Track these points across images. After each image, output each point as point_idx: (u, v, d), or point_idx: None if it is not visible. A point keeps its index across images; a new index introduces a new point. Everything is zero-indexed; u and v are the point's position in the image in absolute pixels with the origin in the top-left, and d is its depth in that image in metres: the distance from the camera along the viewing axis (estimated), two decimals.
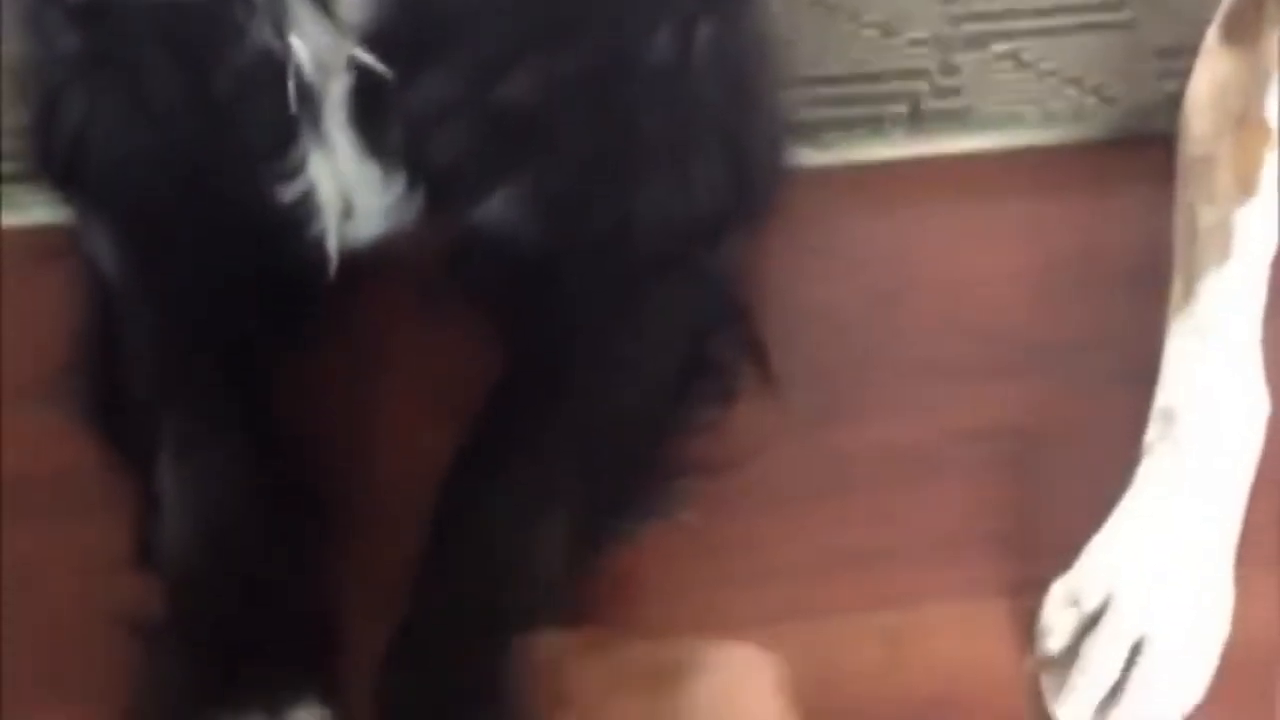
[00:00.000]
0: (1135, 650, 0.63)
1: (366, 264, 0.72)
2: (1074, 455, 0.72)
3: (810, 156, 0.82)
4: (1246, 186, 0.69)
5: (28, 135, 0.76)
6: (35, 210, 0.79)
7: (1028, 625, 0.67)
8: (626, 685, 0.52)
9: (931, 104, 0.84)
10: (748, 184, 0.77)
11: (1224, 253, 0.69)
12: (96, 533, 0.69)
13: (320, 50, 0.62)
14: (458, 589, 0.65)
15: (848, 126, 0.84)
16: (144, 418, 0.70)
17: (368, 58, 0.62)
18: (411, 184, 0.67)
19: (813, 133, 0.83)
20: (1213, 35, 0.75)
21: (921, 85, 0.85)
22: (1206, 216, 0.70)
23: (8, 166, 0.81)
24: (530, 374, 0.71)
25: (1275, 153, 0.69)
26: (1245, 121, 0.71)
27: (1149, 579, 0.63)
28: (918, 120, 0.84)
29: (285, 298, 0.73)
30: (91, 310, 0.75)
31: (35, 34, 0.73)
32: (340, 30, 0.61)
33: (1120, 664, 0.63)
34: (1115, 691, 0.63)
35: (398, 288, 0.76)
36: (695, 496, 0.71)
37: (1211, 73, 0.74)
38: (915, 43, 0.86)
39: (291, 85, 0.63)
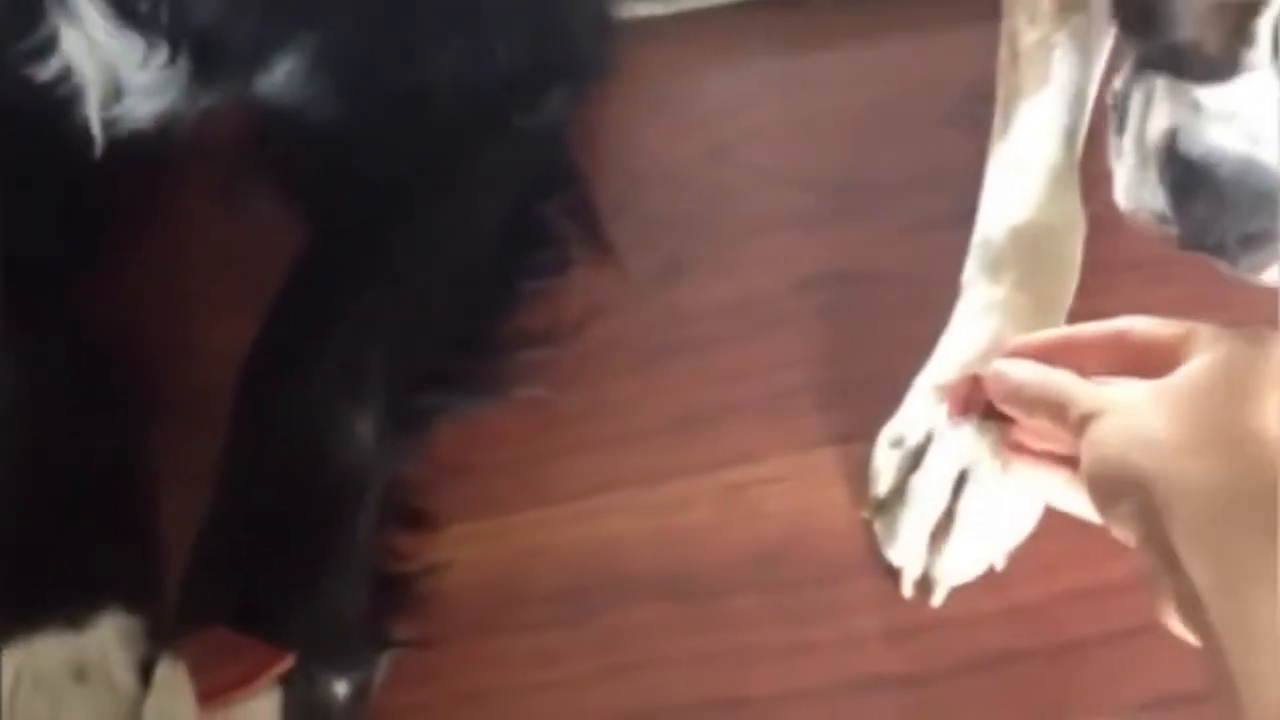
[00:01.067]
0: (960, 484, 0.62)
1: (154, 148, 0.68)
2: (906, 297, 0.70)
3: (636, 8, 0.79)
4: (1068, 4, 0.67)
5: None
6: None
7: (862, 471, 0.65)
8: None
9: None
10: (563, 39, 0.73)
11: (1042, 78, 0.67)
12: None
13: None
14: (263, 474, 0.62)
15: None
16: None
17: None
18: (175, 54, 0.62)
19: None
20: None
21: None
22: (1027, 38, 0.68)
23: None
24: (332, 253, 0.68)
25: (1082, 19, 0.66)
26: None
27: (950, 405, 0.62)
28: None
29: (63, 192, 0.68)
30: None
31: None
32: None
33: (944, 499, 0.62)
34: (943, 530, 0.62)
35: (196, 173, 0.72)
36: (535, 369, 0.69)
37: None
38: None
39: None
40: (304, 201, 0.71)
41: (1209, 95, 0.54)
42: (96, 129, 0.65)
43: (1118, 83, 0.61)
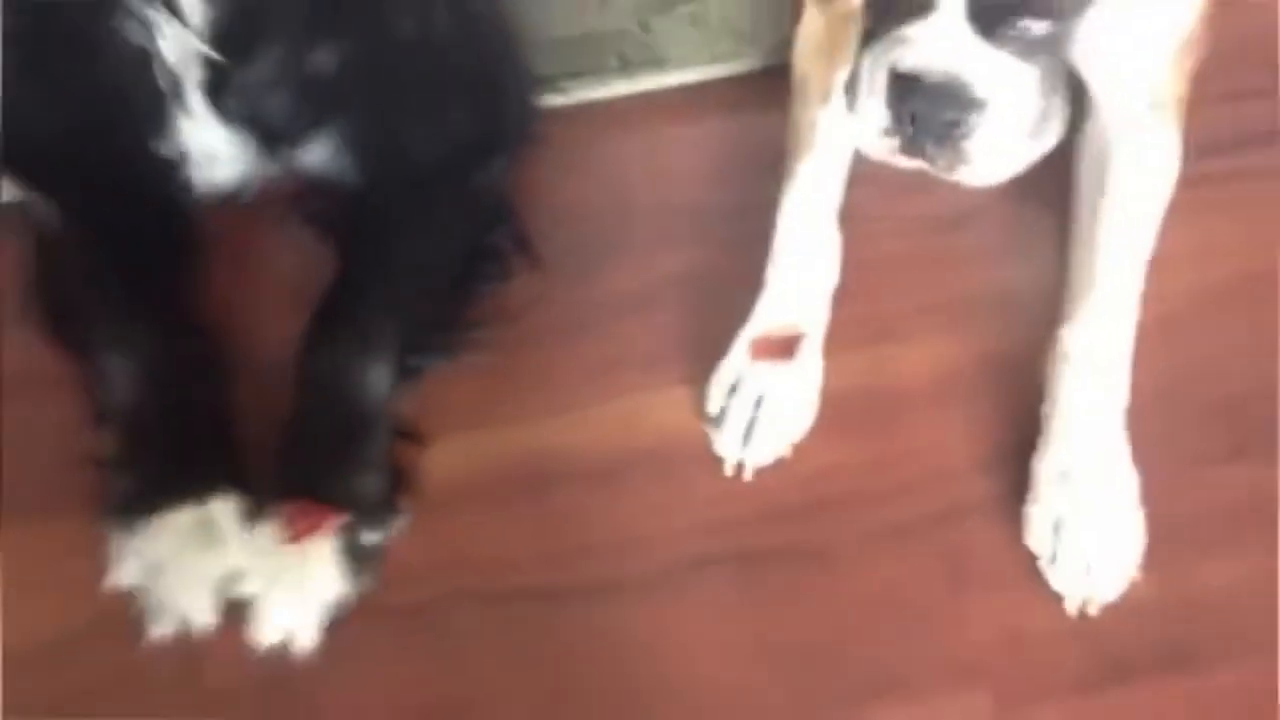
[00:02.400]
0: (759, 403, 0.98)
1: (233, 199, 1.03)
2: (738, 289, 1.05)
3: (554, 99, 1.15)
4: (825, 97, 1.02)
5: None
6: None
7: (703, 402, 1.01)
8: None
9: (636, 55, 1.17)
10: (501, 121, 1.09)
11: (810, 145, 1.03)
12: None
13: (177, 46, 0.93)
14: (309, 416, 0.97)
15: (577, 75, 1.16)
16: (85, 324, 1.01)
17: (210, 51, 0.93)
18: (252, 139, 0.98)
19: (553, 81, 1.15)
20: None
21: (628, 41, 1.17)
22: (802, 117, 1.04)
23: None
24: (354, 268, 1.03)
25: (842, 74, 1.01)
26: (828, 53, 1.04)
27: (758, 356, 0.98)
28: (626, 67, 1.16)
29: (173, 227, 1.04)
30: (38, 250, 1.05)
31: None
32: (190, 31, 0.92)
33: (750, 411, 0.98)
34: (750, 432, 0.98)
35: (263, 216, 1.07)
36: (487, 341, 1.04)
37: (811, 20, 1.06)
38: (621, 10, 1.18)
39: (159, 73, 0.94)
40: (333, 235, 1.06)
41: (912, 30, 0.83)
42: (197, 186, 1.01)
43: (846, 72, 0.91)
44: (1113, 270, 1.00)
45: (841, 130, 1.01)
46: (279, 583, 0.92)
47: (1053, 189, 1.05)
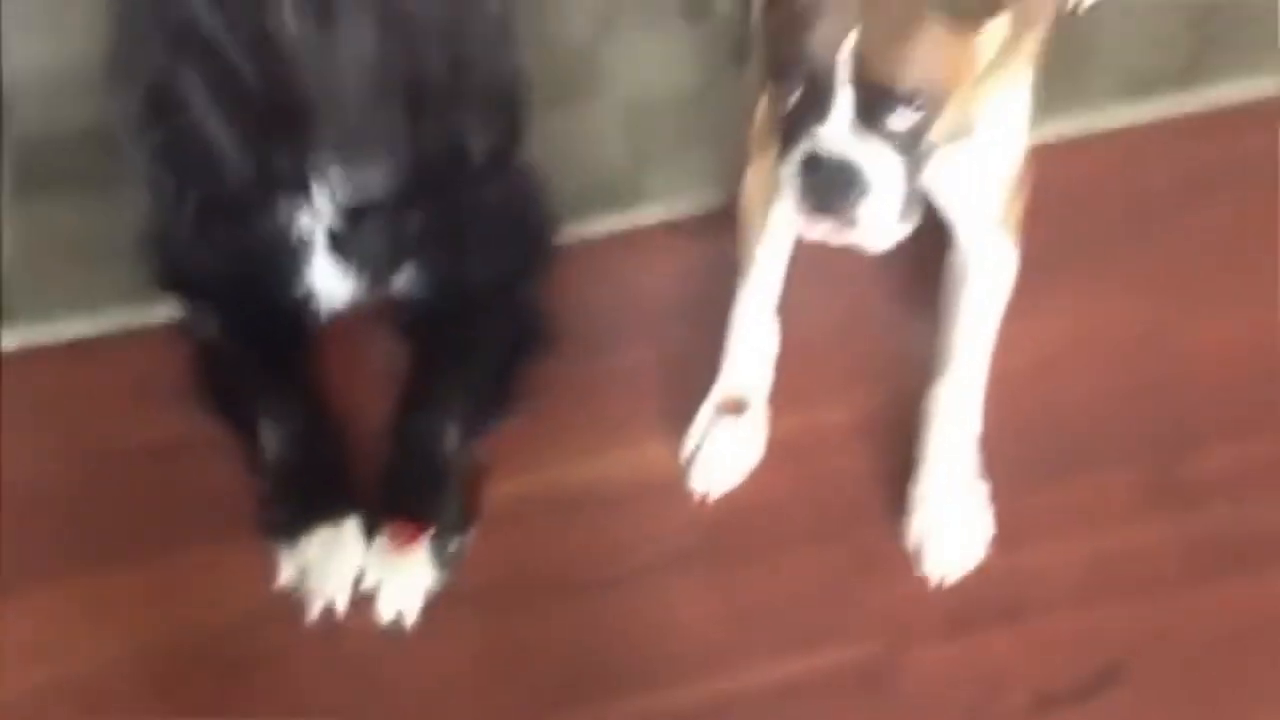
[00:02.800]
0: (717, 449, 1.39)
1: (345, 314, 1.46)
2: (705, 366, 1.46)
3: (569, 236, 1.57)
4: (765, 225, 1.44)
5: (153, 265, 1.48)
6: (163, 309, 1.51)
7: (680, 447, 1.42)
8: None
9: (628, 199, 1.59)
10: (534, 253, 1.51)
11: (754, 259, 1.45)
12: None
13: (311, 218, 1.37)
14: (406, 462, 1.39)
15: (585, 216, 1.58)
16: (245, 405, 1.43)
17: (333, 222, 1.36)
18: (360, 275, 1.41)
19: (568, 219, 1.57)
20: (753, 145, 1.49)
21: (621, 188, 1.60)
22: (746, 248, 1.46)
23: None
24: (430, 360, 1.45)
25: (779, 210, 1.43)
26: (767, 194, 1.45)
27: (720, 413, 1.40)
28: (622, 208, 1.59)
29: (302, 334, 1.46)
30: (202, 351, 1.47)
31: (160, 202, 1.44)
32: (320, 209, 1.36)
33: (712, 454, 1.39)
34: (712, 469, 1.39)
35: (365, 325, 1.49)
36: (526, 406, 1.45)
37: (754, 172, 1.48)
38: (616, 167, 1.61)
39: (297, 234, 1.37)
40: (413, 337, 1.48)
41: (820, 129, 1.19)
42: (320, 306, 1.44)
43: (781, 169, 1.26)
44: (967, 345, 1.42)
45: (773, 248, 1.44)
46: (390, 577, 1.34)
47: (930, 294, 1.47)
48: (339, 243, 1.40)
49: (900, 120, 1.18)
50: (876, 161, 1.18)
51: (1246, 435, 1.42)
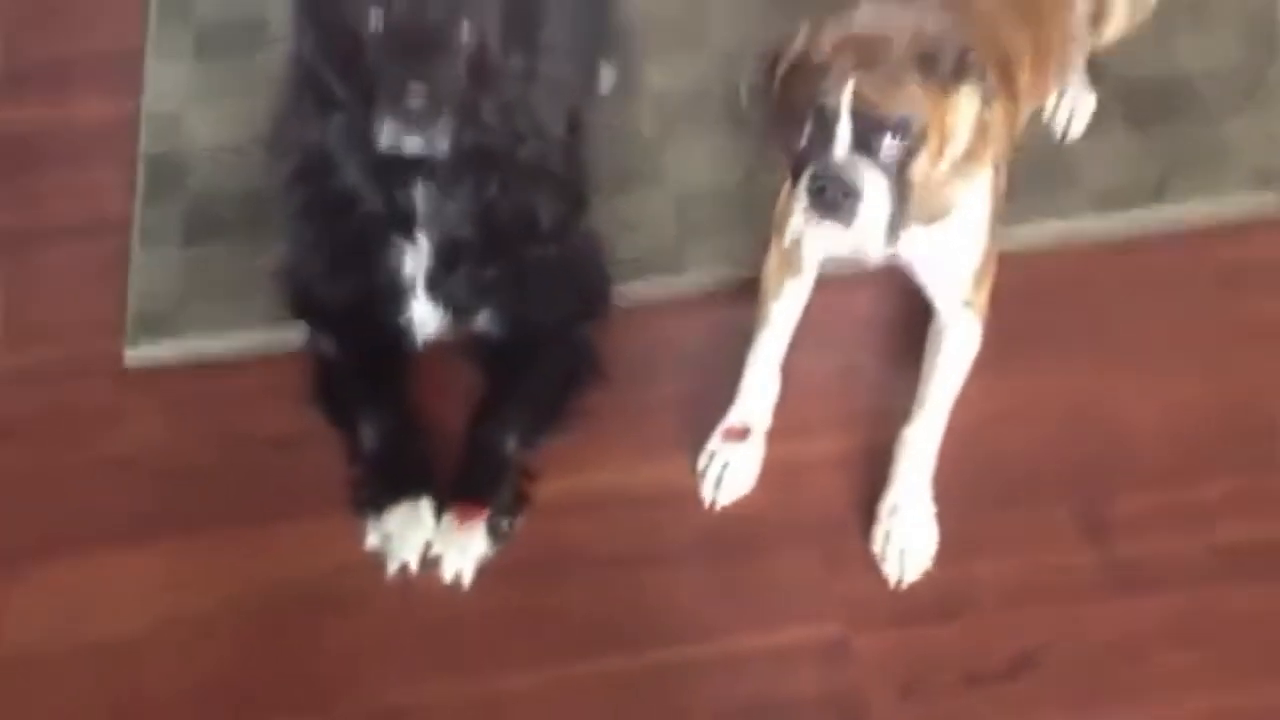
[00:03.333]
0: (725, 467, 1.72)
1: (434, 343, 1.83)
2: (719, 400, 1.80)
3: (623, 294, 1.92)
4: (779, 294, 1.79)
5: (287, 298, 1.87)
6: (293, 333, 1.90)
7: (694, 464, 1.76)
8: None
9: (668, 268, 1.95)
10: (591, 303, 1.87)
11: (768, 320, 1.79)
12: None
13: (414, 262, 1.75)
14: (473, 458, 1.74)
15: (635, 277, 1.94)
16: (351, 410, 1.80)
17: (431, 265, 1.74)
18: (448, 313, 1.78)
19: (624, 281, 1.93)
20: (774, 229, 1.84)
21: (662, 261, 1.96)
22: (764, 308, 1.81)
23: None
24: (499, 385, 1.81)
25: (794, 281, 1.79)
26: (782, 269, 1.81)
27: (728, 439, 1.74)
28: (662, 274, 1.95)
29: (399, 355, 1.83)
30: (319, 364, 1.85)
31: (297, 247, 1.83)
32: (422, 255, 1.74)
33: (720, 472, 1.72)
34: (719, 483, 1.72)
35: (447, 353, 1.86)
36: (573, 426, 1.80)
37: (774, 251, 1.84)
38: (660, 243, 1.98)
39: (402, 273, 1.75)
40: (485, 364, 1.84)
41: (827, 154, 1.51)
42: (415, 336, 1.81)
43: (792, 202, 1.62)
44: (935, 397, 1.74)
45: (785, 311, 1.79)
46: (453, 546, 1.68)
47: (905, 357, 1.80)
48: (434, 285, 1.77)
49: (888, 148, 1.52)
50: (869, 178, 1.53)
51: (1156, 485, 1.72)
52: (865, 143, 1.51)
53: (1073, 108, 2.04)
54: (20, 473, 1.81)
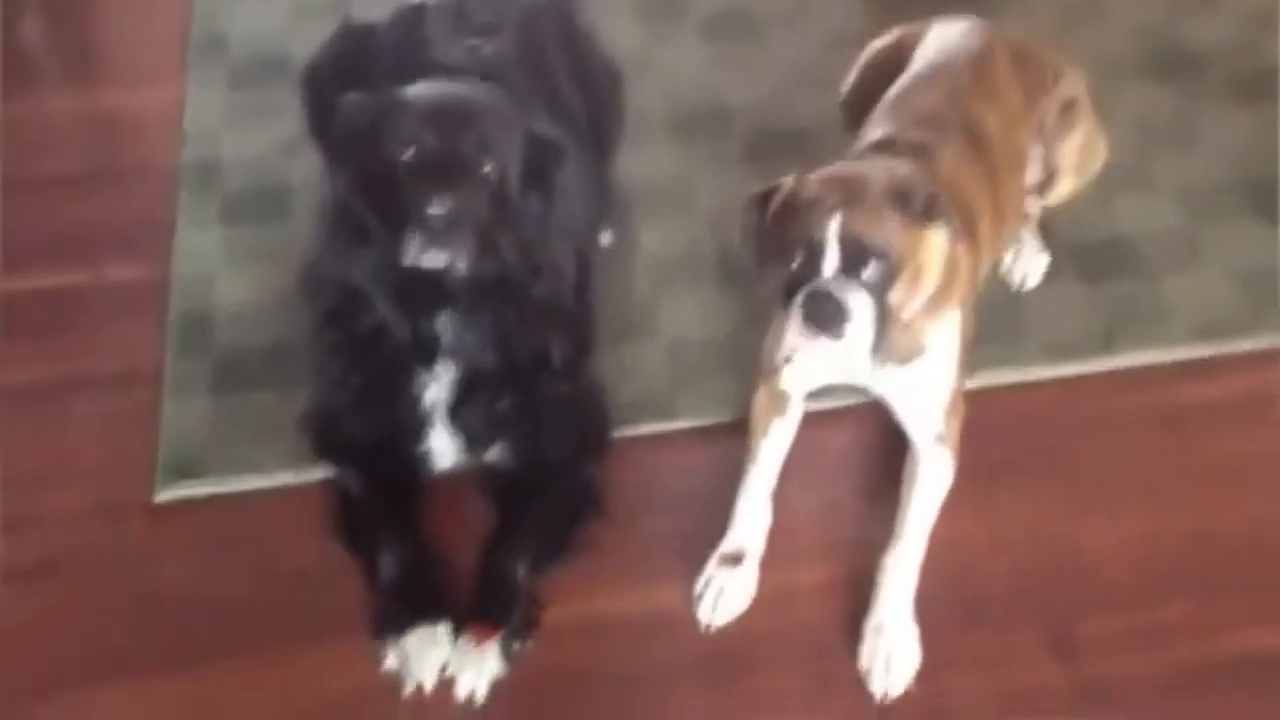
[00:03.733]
0: (720, 592, 1.86)
1: (448, 475, 1.98)
2: (711, 533, 1.94)
3: (620, 434, 2.09)
4: (767, 433, 1.96)
5: (312, 439, 2.02)
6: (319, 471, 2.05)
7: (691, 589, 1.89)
8: None
9: (662, 411, 2.12)
10: (594, 441, 2.03)
11: (757, 457, 1.95)
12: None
13: (435, 395, 1.91)
14: (487, 584, 1.88)
15: (631, 420, 2.11)
16: (371, 541, 1.94)
17: (450, 398, 1.90)
18: (465, 443, 1.94)
19: (621, 423, 2.09)
20: (761, 373, 2.02)
21: (657, 405, 2.13)
22: (754, 445, 1.97)
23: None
24: (510, 515, 1.95)
25: (781, 420, 1.96)
26: (768, 410, 1.98)
27: (722, 564, 1.88)
28: (655, 418, 2.12)
29: (417, 489, 1.98)
30: (342, 500, 1.99)
31: (323, 389, 1.99)
32: (442, 388, 1.90)
33: (715, 596, 1.86)
34: (715, 606, 1.86)
35: (461, 484, 2.00)
36: (577, 555, 1.93)
37: (761, 392, 2.01)
38: (652, 389, 2.15)
39: (424, 407, 1.91)
40: (497, 497, 1.99)
41: (817, 277, 1.69)
42: (433, 467, 1.96)
43: (782, 330, 1.79)
44: (912, 526, 1.89)
45: (773, 448, 1.95)
46: (469, 666, 1.80)
47: (883, 491, 1.96)
48: (452, 416, 1.93)
49: (871, 272, 1.70)
50: (855, 298, 1.70)
51: (1119, 608, 1.87)
52: (851, 267, 1.70)
53: (1027, 267, 2.25)
54: (57, 609, 1.93)
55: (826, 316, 1.71)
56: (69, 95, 2.85)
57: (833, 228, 1.70)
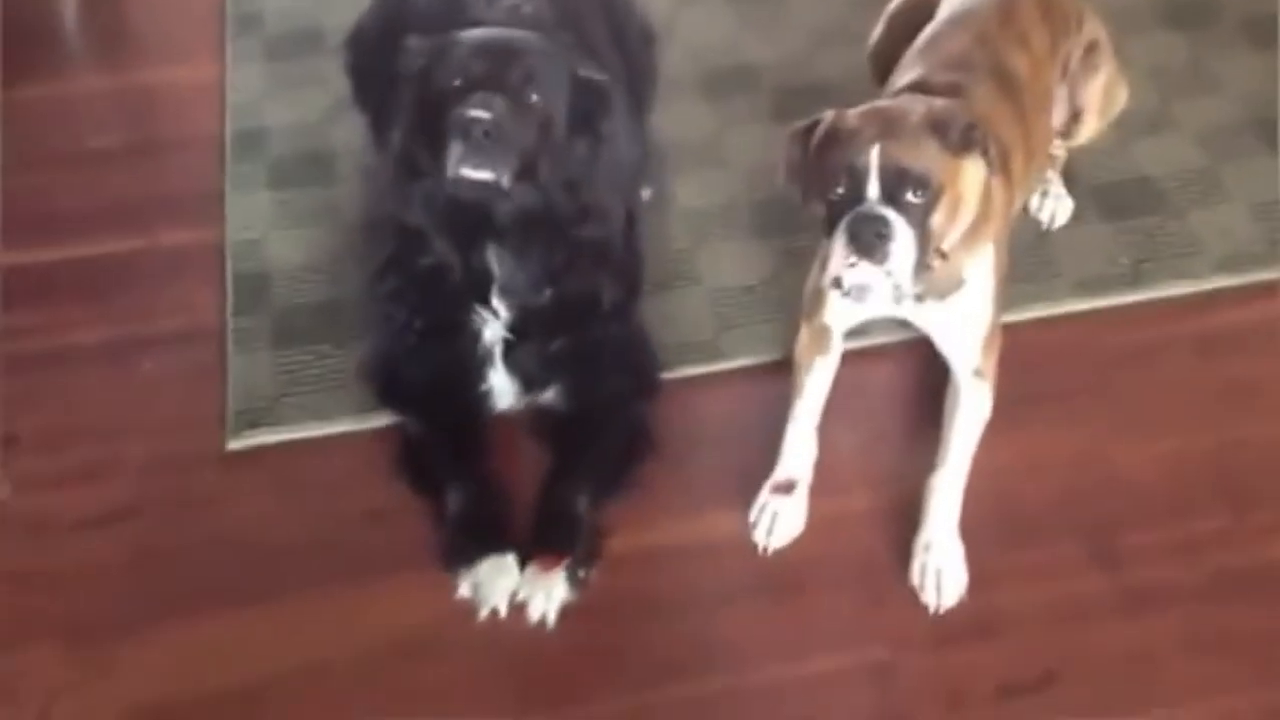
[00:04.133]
0: (775, 516, 1.95)
1: (510, 414, 2.06)
2: (766, 461, 2.03)
3: (668, 376, 2.17)
4: (810, 368, 2.04)
5: (374, 387, 2.11)
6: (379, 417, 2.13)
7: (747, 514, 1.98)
8: None
9: (711, 354, 2.21)
10: (645, 382, 2.11)
11: (802, 389, 2.04)
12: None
13: (493, 334, 1.99)
14: (550, 515, 1.96)
15: (680, 362, 2.19)
16: (436, 479, 2.02)
17: (508, 337, 1.99)
18: (522, 384, 2.02)
19: (669, 366, 2.18)
20: (804, 312, 2.10)
21: (705, 348, 2.21)
22: (798, 381, 2.05)
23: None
24: (567, 454, 2.03)
25: (823, 358, 2.04)
26: (810, 346, 2.06)
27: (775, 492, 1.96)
28: (707, 359, 2.20)
29: (479, 428, 2.06)
30: (405, 442, 2.07)
31: (385, 336, 2.08)
32: (500, 327, 1.98)
33: (770, 521, 1.94)
34: (770, 530, 1.94)
35: (518, 426, 2.09)
36: (636, 487, 2.02)
37: (803, 332, 2.09)
38: (702, 329, 2.23)
39: (482, 347, 2.00)
40: (554, 436, 2.06)
41: (860, 202, 1.76)
42: (491, 407, 2.05)
43: (824, 251, 1.87)
44: (955, 450, 1.97)
45: (817, 382, 2.04)
46: (539, 591, 1.88)
47: (924, 422, 2.04)
48: (508, 356, 2.02)
49: (912, 197, 1.77)
50: (897, 222, 1.78)
51: (1156, 522, 1.96)
52: (891, 194, 1.78)
53: (1054, 208, 2.34)
54: (142, 547, 2.00)
55: (870, 239, 1.78)
56: (111, 75, 2.93)
57: (874, 155, 1.77)
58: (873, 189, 1.78)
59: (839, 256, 1.81)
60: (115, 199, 2.57)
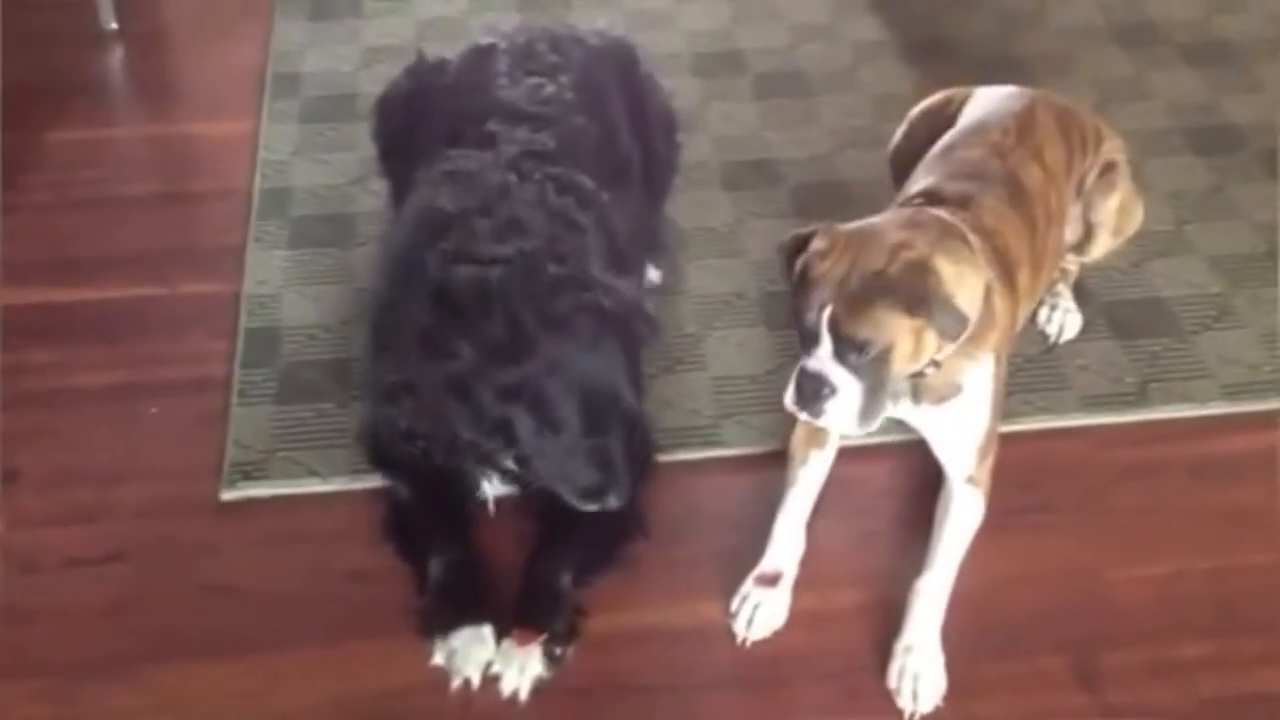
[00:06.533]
0: (757, 608, 1.94)
1: (503, 503, 2.07)
2: (752, 552, 2.02)
3: (665, 460, 2.18)
4: (805, 462, 2.05)
5: (367, 450, 2.12)
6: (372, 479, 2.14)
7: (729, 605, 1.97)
8: None
9: (707, 440, 2.21)
10: (639, 465, 2.11)
11: (794, 482, 2.04)
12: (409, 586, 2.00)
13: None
14: (532, 590, 1.96)
15: (675, 447, 2.20)
16: (421, 547, 2.02)
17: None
18: (513, 486, 2.04)
19: (667, 450, 2.18)
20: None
21: (702, 434, 2.22)
22: (792, 474, 2.05)
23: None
24: (554, 531, 2.03)
25: (819, 452, 2.05)
26: (806, 442, 2.07)
27: (759, 584, 1.95)
28: (702, 446, 2.21)
29: (472, 513, 2.07)
30: (394, 507, 2.08)
31: (377, 409, 2.09)
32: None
33: (751, 613, 1.93)
34: (751, 622, 1.93)
35: (511, 509, 2.09)
36: (619, 570, 2.02)
37: (800, 427, 2.09)
38: (699, 415, 2.25)
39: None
40: (544, 514, 2.07)
41: (810, 357, 1.82)
42: (491, 500, 2.06)
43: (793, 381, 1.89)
44: (944, 555, 1.97)
45: (811, 476, 2.04)
46: (512, 665, 1.87)
47: (915, 523, 2.03)
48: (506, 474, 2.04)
49: (860, 359, 1.80)
50: (843, 381, 1.80)
51: (1142, 644, 1.93)
52: (841, 353, 1.80)
53: (1063, 321, 2.35)
54: (130, 590, 2.01)
55: (809, 395, 1.83)
56: (148, 125, 3.01)
57: (824, 319, 1.80)
58: (824, 348, 1.82)
59: (787, 399, 1.86)
60: (140, 245, 2.62)
